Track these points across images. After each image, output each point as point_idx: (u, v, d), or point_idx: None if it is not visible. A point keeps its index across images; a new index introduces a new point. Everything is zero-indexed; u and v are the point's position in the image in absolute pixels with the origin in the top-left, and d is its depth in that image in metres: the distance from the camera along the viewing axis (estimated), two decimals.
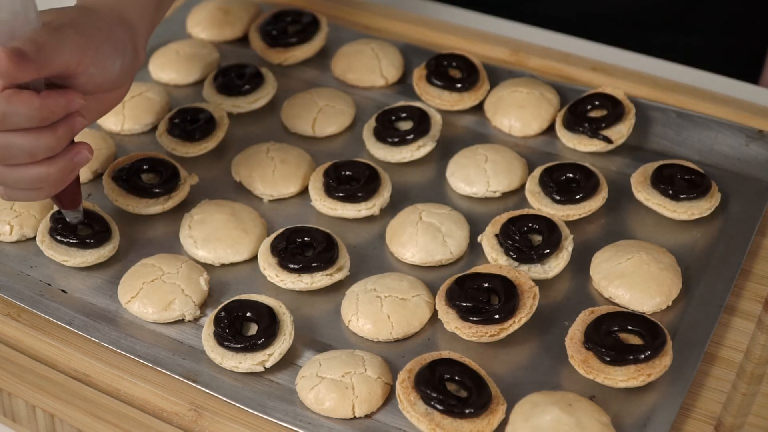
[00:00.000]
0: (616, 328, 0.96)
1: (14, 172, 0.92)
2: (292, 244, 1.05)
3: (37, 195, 0.95)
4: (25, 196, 0.95)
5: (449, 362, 0.94)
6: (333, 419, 0.93)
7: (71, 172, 0.94)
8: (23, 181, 0.92)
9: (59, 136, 0.91)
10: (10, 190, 0.94)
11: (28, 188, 0.94)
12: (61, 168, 0.93)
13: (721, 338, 1.00)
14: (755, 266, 1.07)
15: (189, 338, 1.01)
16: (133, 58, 0.98)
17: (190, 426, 0.94)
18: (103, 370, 0.98)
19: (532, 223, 1.06)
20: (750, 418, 0.93)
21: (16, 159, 0.90)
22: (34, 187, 0.94)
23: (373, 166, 1.14)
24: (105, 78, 0.94)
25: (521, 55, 1.31)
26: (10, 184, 0.93)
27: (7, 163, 0.91)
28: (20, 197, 0.95)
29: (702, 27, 1.44)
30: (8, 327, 1.02)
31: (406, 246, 1.08)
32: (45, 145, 0.90)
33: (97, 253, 1.06)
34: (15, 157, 0.90)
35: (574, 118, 1.18)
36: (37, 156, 0.90)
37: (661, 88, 1.25)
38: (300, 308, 1.03)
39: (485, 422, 0.90)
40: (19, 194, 0.95)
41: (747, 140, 1.18)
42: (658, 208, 1.10)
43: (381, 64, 1.29)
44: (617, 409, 0.93)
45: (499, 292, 0.99)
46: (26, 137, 0.89)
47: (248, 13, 1.37)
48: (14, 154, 0.90)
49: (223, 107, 1.22)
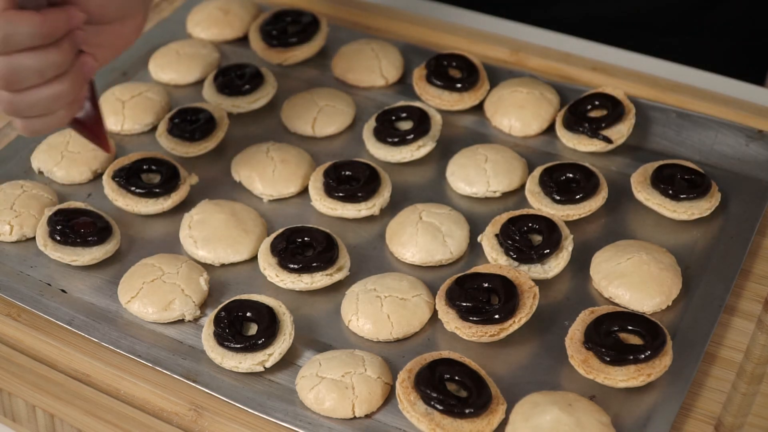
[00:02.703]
0: (616, 328, 0.96)
1: (27, 97, 0.92)
2: (292, 244, 1.05)
3: (57, 119, 0.95)
4: (44, 124, 0.95)
5: (449, 362, 0.94)
6: (333, 419, 0.93)
7: (82, 85, 0.95)
8: (39, 105, 0.92)
9: (65, 50, 0.91)
10: (28, 120, 0.94)
11: (44, 113, 0.94)
12: (72, 82, 0.93)
13: (721, 338, 1.00)
14: (755, 266, 1.07)
15: (189, 338, 1.01)
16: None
17: (190, 426, 0.94)
18: (103, 370, 0.98)
19: (532, 223, 1.06)
20: (750, 418, 0.93)
21: (26, 81, 0.90)
22: (51, 111, 0.94)
23: (373, 166, 1.14)
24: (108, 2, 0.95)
25: (521, 55, 1.31)
26: (26, 112, 0.93)
27: (17, 87, 0.91)
28: (39, 126, 0.95)
29: (707, 30, 1.44)
30: (8, 327, 1.02)
31: (406, 246, 1.08)
32: (53, 62, 0.90)
33: (103, 249, 1.06)
34: (24, 79, 0.90)
35: (574, 118, 1.18)
36: (46, 74, 0.91)
37: (661, 88, 1.25)
38: (300, 308, 1.04)
39: (485, 422, 0.90)
40: (37, 123, 0.94)
41: (747, 140, 1.18)
42: (658, 208, 1.10)
43: (381, 64, 1.29)
44: (617, 409, 0.93)
45: (499, 292, 0.99)
46: (33, 56, 0.89)
47: (248, 13, 1.37)
48: (23, 77, 0.90)
49: (223, 107, 1.22)
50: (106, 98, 1.24)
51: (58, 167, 1.16)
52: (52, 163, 1.17)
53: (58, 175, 1.16)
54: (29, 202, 1.11)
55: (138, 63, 1.32)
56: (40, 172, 1.18)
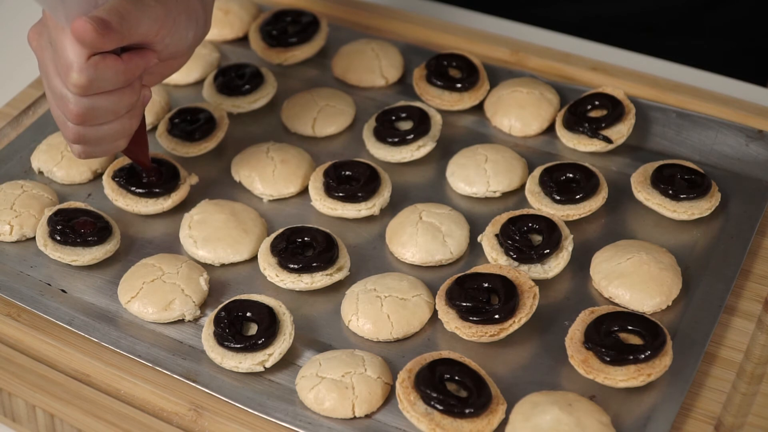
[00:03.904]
0: (616, 328, 0.96)
1: (98, 131, 0.97)
2: (292, 244, 1.05)
3: (116, 147, 1.01)
4: (104, 151, 1.00)
5: (449, 362, 0.94)
6: (333, 419, 0.93)
7: (141, 115, 1.01)
8: (106, 138, 0.98)
9: (137, 90, 0.97)
10: (90, 148, 0.99)
11: (109, 143, 0.99)
12: (138, 118, 1.00)
13: (721, 338, 1.00)
14: (755, 266, 1.07)
15: (189, 338, 1.01)
16: (203, 27, 1.01)
17: (190, 426, 0.94)
18: (103, 370, 0.98)
19: (532, 223, 1.06)
20: (750, 418, 0.93)
21: (101, 119, 0.96)
22: (114, 141, 0.99)
23: (373, 166, 1.14)
24: (179, 47, 0.99)
25: (521, 55, 1.31)
26: (93, 142, 0.98)
27: (92, 123, 0.95)
28: (98, 153, 1.00)
29: (708, 31, 1.44)
30: (8, 327, 1.02)
31: (406, 246, 1.08)
32: (127, 102, 0.96)
33: (103, 249, 1.06)
34: (100, 117, 0.95)
35: (574, 118, 1.18)
36: (120, 113, 0.97)
37: (661, 88, 1.25)
38: (300, 308, 1.04)
39: (485, 422, 0.90)
40: (98, 150, 0.99)
41: (747, 140, 1.18)
42: (658, 208, 1.10)
43: (381, 64, 1.29)
44: (617, 409, 0.93)
45: (499, 292, 0.99)
46: (111, 98, 0.95)
47: (248, 13, 1.37)
48: (99, 115, 0.95)
49: (223, 107, 1.22)
50: None
51: (58, 167, 1.16)
52: (52, 163, 1.17)
53: (58, 175, 1.16)
54: (29, 202, 1.11)
55: None
56: (40, 172, 1.18)
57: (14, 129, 1.23)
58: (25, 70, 1.31)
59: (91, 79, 0.91)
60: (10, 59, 1.36)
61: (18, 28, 1.42)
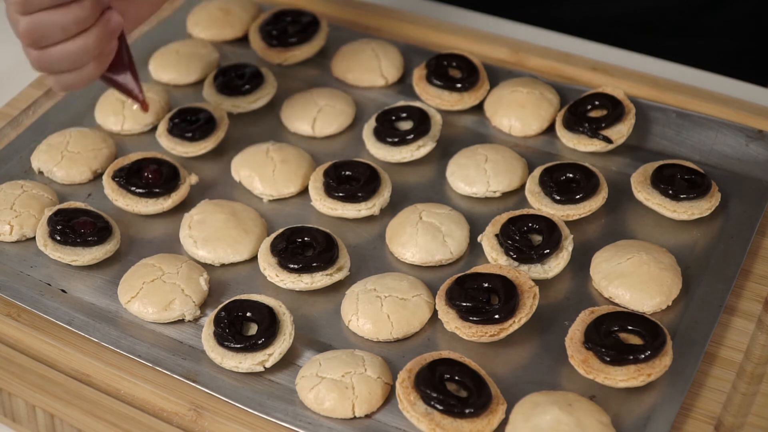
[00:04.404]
0: (616, 328, 0.96)
1: (53, 52, 0.95)
2: (292, 244, 1.05)
3: (88, 74, 0.99)
4: (75, 79, 0.98)
5: (449, 362, 0.94)
6: (333, 419, 0.93)
7: (109, 41, 0.99)
8: (65, 60, 0.96)
9: (86, 6, 0.95)
10: (59, 76, 0.98)
11: (72, 67, 0.97)
12: (96, 37, 0.97)
13: (721, 338, 1.00)
14: (755, 266, 1.07)
15: (189, 338, 1.01)
16: None
17: (190, 426, 0.94)
18: (103, 370, 0.98)
19: (532, 223, 1.06)
20: (750, 418, 0.93)
21: (50, 38, 0.94)
22: (79, 65, 0.97)
23: (373, 166, 1.14)
24: None
25: (521, 55, 1.31)
26: (54, 67, 0.97)
27: (43, 44, 0.95)
28: (70, 80, 0.98)
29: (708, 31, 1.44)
30: (8, 327, 1.02)
31: (406, 246, 1.08)
32: (74, 18, 0.94)
33: (103, 249, 1.06)
34: (49, 35, 0.94)
35: (574, 118, 1.18)
36: (70, 30, 0.95)
37: (661, 88, 1.25)
38: (300, 308, 1.04)
39: (485, 422, 0.90)
40: (68, 78, 0.98)
41: (747, 140, 1.18)
42: (658, 208, 1.10)
43: (381, 64, 1.29)
44: (617, 409, 0.93)
45: (499, 292, 0.99)
46: (54, 14, 0.94)
47: (248, 13, 1.37)
48: (47, 33, 0.94)
49: (223, 107, 1.22)
50: (106, 98, 1.24)
51: (58, 167, 1.16)
52: (52, 163, 1.17)
53: (58, 175, 1.16)
54: (29, 202, 1.11)
55: (138, 63, 1.31)
56: (40, 172, 1.18)
57: (14, 129, 1.23)
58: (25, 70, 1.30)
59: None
60: (10, 59, 1.36)
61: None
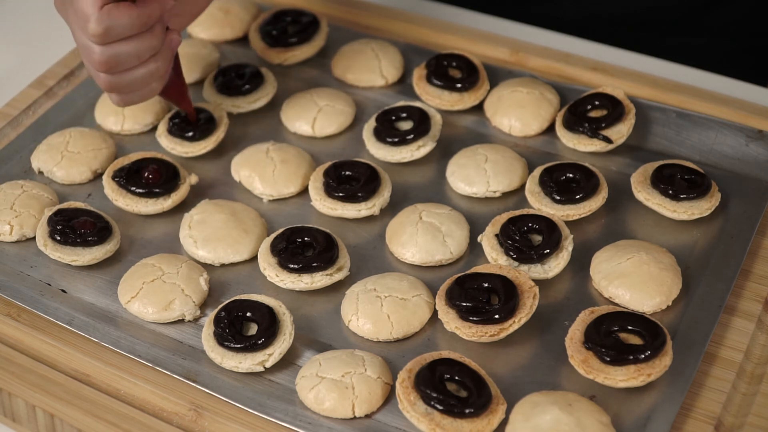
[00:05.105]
0: (616, 328, 0.96)
1: (127, 77, 1.02)
2: (292, 244, 1.05)
3: (151, 92, 1.06)
4: (140, 97, 1.06)
5: (449, 362, 0.94)
6: (333, 419, 0.93)
7: (170, 60, 1.06)
8: (136, 83, 1.03)
9: (157, 33, 1.01)
10: (125, 95, 1.03)
11: (141, 88, 1.05)
12: (165, 60, 1.04)
13: (721, 338, 1.00)
14: (755, 266, 1.07)
15: (189, 338, 1.01)
16: None
17: (190, 426, 0.94)
18: (103, 370, 0.98)
19: (532, 223, 1.06)
20: (750, 418, 0.93)
21: (125, 65, 1.01)
22: (146, 85, 1.04)
23: (373, 166, 1.14)
24: None
25: (521, 55, 1.31)
26: (125, 89, 1.04)
27: (118, 70, 1.01)
28: (135, 99, 1.06)
29: (708, 30, 1.44)
30: (8, 327, 1.02)
31: (406, 246, 1.08)
32: (148, 46, 1.01)
33: (103, 249, 1.06)
34: (124, 63, 1.01)
35: (574, 118, 1.18)
36: (143, 57, 1.01)
37: (661, 88, 1.25)
38: (300, 308, 1.04)
39: (485, 422, 0.90)
40: (133, 96, 1.05)
41: (747, 140, 1.18)
42: (658, 208, 1.10)
43: (381, 64, 1.29)
44: (617, 409, 0.93)
45: (499, 292, 0.99)
46: (131, 44, 0.99)
47: (248, 13, 1.37)
48: (123, 61, 1.00)
49: (223, 107, 1.22)
50: (106, 98, 1.24)
51: (58, 167, 1.16)
52: (52, 163, 1.17)
53: (58, 175, 1.16)
54: (29, 202, 1.11)
55: None
56: (40, 172, 1.18)
57: (14, 129, 1.23)
58: (25, 70, 1.31)
59: (106, 27, 0.96)
60: (10, 59, 1.36)
61: (18, 29, 1.42)
